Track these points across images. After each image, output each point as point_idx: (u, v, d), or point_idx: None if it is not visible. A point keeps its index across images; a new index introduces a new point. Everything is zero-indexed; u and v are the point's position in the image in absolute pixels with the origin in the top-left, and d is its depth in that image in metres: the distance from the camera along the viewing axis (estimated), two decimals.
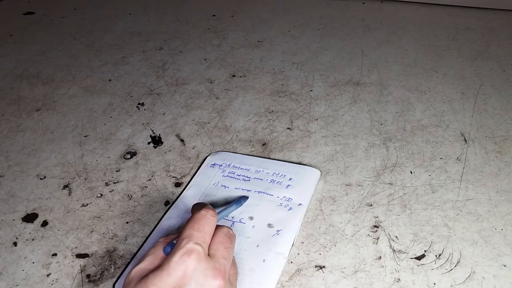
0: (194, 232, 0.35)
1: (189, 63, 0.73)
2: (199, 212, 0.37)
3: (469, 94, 0.63)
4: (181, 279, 0.32)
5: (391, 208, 0.47)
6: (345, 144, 0.56)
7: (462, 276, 0.40)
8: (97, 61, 0.74)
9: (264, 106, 0.63)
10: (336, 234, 0.45)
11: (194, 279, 0.33)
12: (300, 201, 0.47)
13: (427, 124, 0.58)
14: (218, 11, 0.89)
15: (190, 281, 0.32)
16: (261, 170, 0.51)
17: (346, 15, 0.86)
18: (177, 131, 0.59)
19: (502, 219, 0.45)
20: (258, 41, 0.78)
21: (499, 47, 0.74)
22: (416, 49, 0.74)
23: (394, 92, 0.64)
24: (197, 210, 0.37)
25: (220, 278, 0.34)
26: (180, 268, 0.33)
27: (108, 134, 0.59)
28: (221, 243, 0.36)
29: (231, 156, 0.54)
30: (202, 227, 0.36)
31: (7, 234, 0.46)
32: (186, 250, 0.33)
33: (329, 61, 0.72)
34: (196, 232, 0.35)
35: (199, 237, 0.35)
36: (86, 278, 0.42)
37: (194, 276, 0.33)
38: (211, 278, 0.33)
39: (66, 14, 0.90)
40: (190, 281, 0.32)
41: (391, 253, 0.43)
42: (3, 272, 0.42)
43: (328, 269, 0.41)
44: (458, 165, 0.52)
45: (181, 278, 0.32)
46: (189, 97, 0.65)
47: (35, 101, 0.65)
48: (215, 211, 0.38)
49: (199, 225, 0.36)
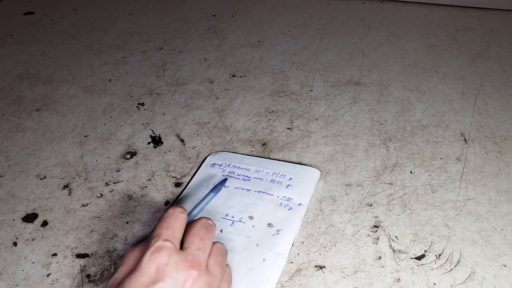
0: (162, 230, 0.36)
1: (189, 63, 0.73)
2: (167, 211, 0.38)
3: (469, 94, 0.63)
4: (155, 275, 0.33)
5: (391, 208, 0.47)
6: (345, 144, 0.56)
7: (462, 276, 0.40)
8: (97, 61, 0.74)
9: (264, 106, 0.63)
10: (336, 234, 0.45)
11: (168, 274, 0.33)
12: (300, 201, 0.47)
13: (427, 124, 0.58)
14: (218, 11, 0.89)
15: (164, 276, 0.33)
16: (261, 170, 0.51)
17: (346, 15, 0.86)
18: (177, 131, 0.59)
19: (502, 219, 0.45)
20: (258, 41, 0.78)
21: (499, 47, 0.74)
22: (416, 49, 0.74)
23: (394, 92, 0.64)
24: (166, 209, 0.38)
25: (193, 268, 0.34)
26: (152, 265, 0.33)
27: (108, 134, 0.59)
28: (196, 235, 0.37)
29: (231, 156, 0.54)
30: (171, 224, 0.36)
31: (7, 234, 0.46)
32: (155, 247, 0.34)
33: (329, 61, 0.72)
34: (164, 230, 0.36)
35: (168, 234, 0.35)
36: (86, 278, 0.42)
37: (167, 271, 0.33)
38: (184, 270, 0.33)
39: (66, 14, 0.90)
40: (164, 276, 0.33)
41: (391, 253, 0.43)
42: (3, 272, 0.42)
43: (328, 269, 0.41)
44: (458, 165, 0.52)
45: (154, 274, 0.33)
46: (189, 97, 0.65)
47: (35, 101, 0.65)
48: (183, 207, 0.38)
49: (167, 223, 0.36)
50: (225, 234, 0.44)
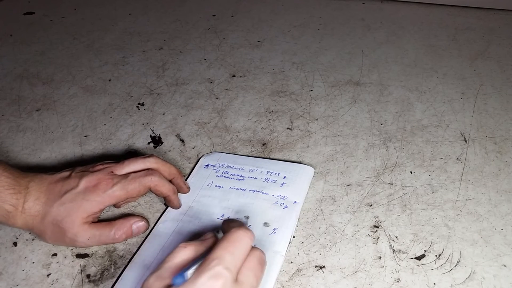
0: (226, 254, 0.32)
1: (189, 63, 0.73)
2: (237, 232, 0.34)
3: (469, 94, 0.63)
4: None
5: (391, 208, 0.47)
6: (345, 144, 0.56)
7: (462, 276, 0.40)
8: (97, 61, 0.74)
9: (264, 106, 0.63)
10: (336, 234, 0.45)
11: None
12: (295, 199, 0.47)
13: (427, 124, 0.58)
14: (218, 11, 0.89)
15: None
16: (255, 169, 0.51)
17: (346, 15, 0.86)
18: (177, 131, 0.59)
19: (502, 219, 0.45)
20: (258, 41, 0.78)
21: (499, 47, 0.74)
22: (416, 49, 0.74)
23: (394, 92, 0.64)
24: (234, 229, 0.34)
25: None
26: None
27: (108, 134, 0.59)
28: (251, 269, 0.33)
29: (224, 157, 0.54)
30: (237, 251, 0.33)
31: (7, 234, 0.46)
32: (214, 273, 0.31)
33: (329, 61, 0.72)
34: (229, 255, 0.32)
35: (230, 261, 0.32)
36: (86, 278, 0.42)
37: None
38: None
39: (66, 14, 0.90)
40: None
41: (391, 253, 0.43)
42: (3, 272, 0.42)
43: (328, 269, 0.41)
44: (458, 165, 0.52)
45: None
46: (189, 97, 0.65)
47: (35, 101, 0.65)
48: (253, 233, 0.35)
49: (234, 247, 0.33)
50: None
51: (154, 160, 0.46)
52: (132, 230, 0.44)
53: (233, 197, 0.48)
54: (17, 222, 0.42)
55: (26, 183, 0.43)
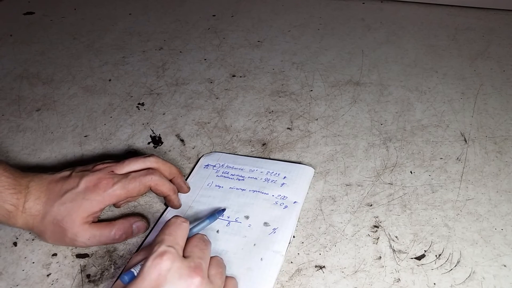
0: (165, 236, 0.35)
1: (189, 63, 0.73)
2: (170, 220, 0.38)
3: (469, 94, 0.63)
4: (156, 281, 0.32)
5: (391, 208, 0.47)
6: (345, 144, 0.56)
7: (462, 276, 0.40)
8: (97, 61, 0.74)
9: (264, 106, 0.63)
10: (336, 234, 0.45)
11: (169, 280, 0.32)
12: (295, 199, 0.47)
13: (427, 124, 0.58)
14: (218, 11, 0.89)
15: (165, 282, 0.32)
16: (255, 169, 0.51)
17: (346, 15, 0.86)
18: (177, 131, 0.59)
19: (502, 219, 0.45)
20: (258, 41, 0.78)
21: (499, 47, 0.74)
22: (416, 49, 0.74)
23: (394, 92, 0.64)
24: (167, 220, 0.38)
25: (197, 275, 0.33)
26: (154, 271, 0.32)
27: (108, 134, 0.59)
28: (195, 246, 0.37)
29: (224, 157, 0.54)
30: (174, 231, 0.36)
31: (7, 234, 0.46)
32: (158, 253, 0.33)
33: (329, 61, 0.72)
34: (167, 236, 0.35)
35: (170, 240, 0.35)
36: (86, 278, 0.42)
37: (169, 276, 0.33)
38: (187, 277, 0.33)
39: (66, 14, 0.90)
40: (165, 282, 0.32)
41: (391, 253, 0.43)
42: (3, 272, 0.42)
43: (328, 269, 0.41)
44: (458, 165, 0.52)
45: (155, 280, 0.32)
46: (189, 97, 0.65)
47: (35, 101, 0.65)
48: (185, 219, 0.38)
49: (170, 230, 0.36)
50: (221, 235, 0.44)
51: (154, 159, 0.46)
52: (132, 230, 0.44)
53: (233, 197, 0.48)
54: (17, 222, 0.42)
55: (26, 183, 0.43)
